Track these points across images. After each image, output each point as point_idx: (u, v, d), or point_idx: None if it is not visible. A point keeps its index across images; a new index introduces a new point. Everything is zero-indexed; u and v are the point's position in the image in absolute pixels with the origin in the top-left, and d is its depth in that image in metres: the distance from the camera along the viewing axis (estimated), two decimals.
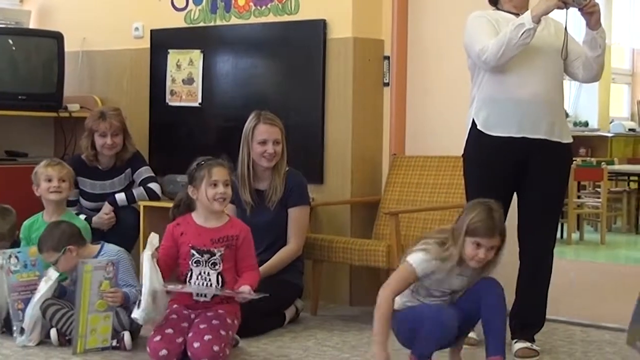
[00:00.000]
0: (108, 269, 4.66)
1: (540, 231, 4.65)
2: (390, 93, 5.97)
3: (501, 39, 4.41)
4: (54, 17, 7.19)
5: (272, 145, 5.22)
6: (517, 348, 4.63)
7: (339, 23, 5.86)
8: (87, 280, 4.57)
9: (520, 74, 4.50)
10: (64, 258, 4.82)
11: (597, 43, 4.52)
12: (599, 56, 4.57)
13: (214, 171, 4.51)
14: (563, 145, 4.63)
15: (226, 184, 4.53)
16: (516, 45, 4.38)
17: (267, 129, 5.24)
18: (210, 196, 4.49)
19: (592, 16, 4.44)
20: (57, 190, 5.28)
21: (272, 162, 5.24)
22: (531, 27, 4.36)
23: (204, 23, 6.47)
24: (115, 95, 6.89)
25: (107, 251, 4.94)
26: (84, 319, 4.58)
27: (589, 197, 10.76)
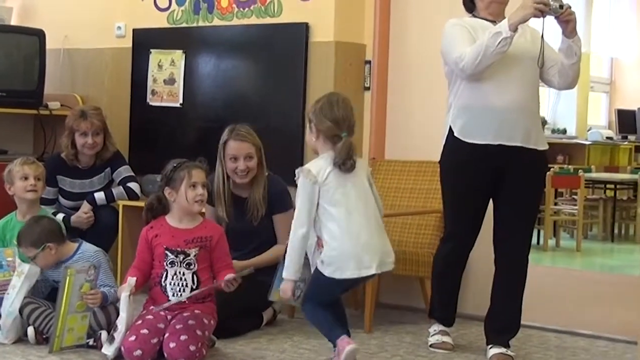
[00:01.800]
0: (90, 272, 4.66)
1: (515, 238, 4.68)
2: (371, 97, 5.99)
3: (478, 47, 4.44)
4: (36, 15, 7.18)
5: (244, 161, 5.16)
6: (492, 353, 4.66)
7: (321, 27, 5.88)
8: (70, 283, 4.58)
9: (496, 81, 4.53)
10: (42, 255, 4.83)
11: (573, 51, 4.55)
12: (574, 64, 4.60)
13: (193, 173, 4.55)
14: (539, 152, 4.67)
15: (204, 186, 4.57)
16: (493, 53, 4.41)
17: (237, 146, 5.18)
18: (191, 198, 4.54)
19: (569, 24, 4.47)
20: (34, 189, 5.25)
21: (245, 178, 5.17)
22: (508, 36, 4.39)
23: (186, 24, 6.48)
24: (96, 93, 6.89)
25: (84, 250, 4.95)
26: (63, 319, 4.59)
27: (566, 204, 10.82)
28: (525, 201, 4.66)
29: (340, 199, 4.22)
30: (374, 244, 4.26)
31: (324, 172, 4.22)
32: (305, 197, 4.21)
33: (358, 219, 4.23)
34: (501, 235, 4.70)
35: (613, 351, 4.98)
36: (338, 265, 4.18)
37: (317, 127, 4.33)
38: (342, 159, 4.21)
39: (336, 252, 4.18)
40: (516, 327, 4.76)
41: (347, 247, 4.19)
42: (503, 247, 4.69)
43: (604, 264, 9.42)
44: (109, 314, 4.72)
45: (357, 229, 4.22)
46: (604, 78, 15.02)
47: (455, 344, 4.91)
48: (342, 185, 4.23)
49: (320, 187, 4.20)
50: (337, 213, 4.20)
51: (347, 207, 4.23)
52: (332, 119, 4.27)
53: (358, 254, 4.20)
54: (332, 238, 4.19)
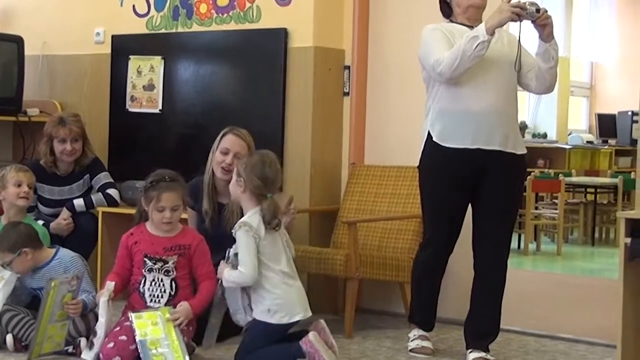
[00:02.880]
0: (72, 283, 4.65)
1: (494, 242, 4.69)
2: (350, 102, 6.00)
3: (455, 52, 4.46)
4: (15, 21, 7.14)
5: (232, 157, 5.13)
6: (471, 358, 4.67)
7: (300, 32, 5.88)
8: (53, 294, 4.56)
9: (474, 86, 4.55)
10: (18, 260, 4.82)
11: (550, 55, 4.57)
12: (551, 68, 4.61)
13: (162, 197, 4.57)
14: (517, 156, 4.68)
15: (174, 209, 4.59)
16: (471, 57, 4.43)
17: (232, 140, 5.18)
18: (157, 220, 4.59)
19: (545, 28, 4.48)
20: (26, 197, 5.28)
21: (227, 175, 5.08)
22: (485, 40, 4.40)
23: (165, 29, 6.46)
24: (75, 100, 6.86)
25: (61, 256, 4.94)
26: (43, 327, 4.57)
27: (546, 208, 10.86)
28: (504, 205, 4.68)
29: (274, 252, 4.40)
30: (302, 289, 4.52)
31: (261, 227, 4.37)
32: (250, 248, 4.35)
33: (288, 266, 4.45)
34: (480, 239, 4.71)
35: (592, 355, 5.00)
36: (287, 311, 4.38)
37: (246, 183, 4.44)
38: (270, 218, 4.38)
39: (282, 300, 4.37)
40: (495, 331, 4.77)
41: (289, 293, 4.40)
42: (482, 251, 4.70)
43: (585, 268, 9.44)
44: (88, 321, 4.71)
45: (291, 275, 4.45)
46: (584, 82, 15.09)
47: (435, 348, 4.92)
48: (273, 239, 4.42)
49: (259, 241, 4.36)
50: (274, 264, 4.38)
51: (279, 257, 4.42)
52: (262, 178, 4.43)
53: (300, 297, 4.45)
54: (273, 287, 4.37)
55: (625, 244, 4.34)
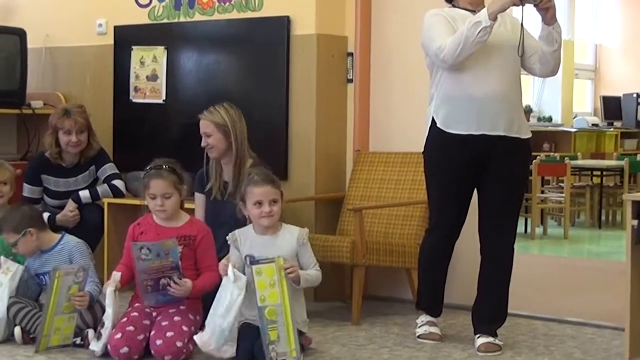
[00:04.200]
0: (78, 274, 4.66)
1: (500, 227, 4.68)
2: (354, 89, 5.99)
3: (458, 37, 4.44)
4: (17, 14, 7.13)
5: (205, 138, 5.27)
6: (479, 343, 4.67)
7: (302, 20, 5.86)
8: (57, 284, 4.57)
9: (477, 71, 4.53)
10: (23, 240, 4.84)
11: (553, 38, 4.54)
12: (555, 51, 4.59)
13: (151, 184, 4.61)
14: (522, 140, 4.67)
15: (166, 197, 4.60)
16: (473, 43, 4.41)
17: (201, 123, 5.31)
18: (152, 208, 4.62)
19: (548, 12, 4.46)
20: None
21: (212, 154, 5.25)
22: (488, 25, 4.38)
23: (167, 19, 6.45)
24: (78, 91, 6.85)
25: (66, 241, 4.96)
26: (50, 320, 4.58)
27: (553, 192, 10.84)
28: (510, 190, 4.67)
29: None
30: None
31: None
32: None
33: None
34: (486, 224, 4.70)
35: (600, 338, 4.99)
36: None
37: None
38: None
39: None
40: (503, 316, 4.77)
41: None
42: (488, 236, 4.70)
43: (592, 251, 9.44)
44: (95, 313, 4.72)
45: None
46: (588, 65, 15.02)
47: (443, 334, 4.92)
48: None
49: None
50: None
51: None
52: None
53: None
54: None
55: (632, 227, 4.33)
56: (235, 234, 4.59)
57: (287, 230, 4.60)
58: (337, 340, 4.90)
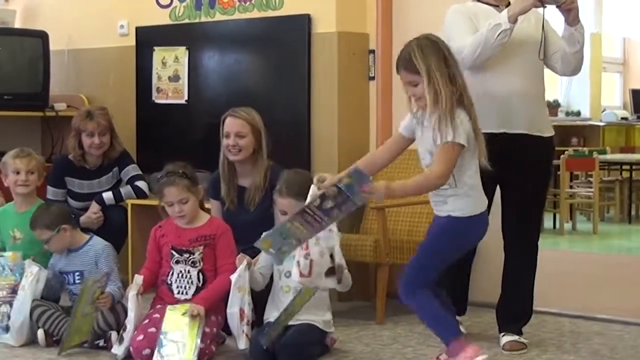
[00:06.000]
0: (102, 280, 4.67)
1: (524, 224, 4.64)
2: (376, 87, 5.95)
3: (478, 39, 4.40)
4: (39, 16, 7.16)
5: (234, 138, 5.15)
6: (504, 341, 4.62)
7: (323, 17, 5.84)
8: (87, 290, 4.58)
9: (498, 68, 4.49)
10: (57, 237, 4.85)
11: (575, 39, 4.48)
12: (577, 52, 4.53)
13: (165, 192, 4.60)
14: (544, 138, 4.61)
15: (183, 202, 4.58)
16: (493, 45, 4.37)
17: (230, 122, 5.20)
18: (171, 215, 4.61)
19: (571, 13, 4.39)
20: (25, 184, 5.23)
21: (237, 156, 5.14)
22: (507, 28, 4.34)
23: (188, 20, 6.45)
24: (101, 93, 6.87)
25: (94, 243, 4.97)
26: (75, 322, 4.59)
27: (582, 186, 10.75)
28: (532, 188, 4.62)
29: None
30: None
31: None
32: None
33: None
34: (510, 222, 4.66)
35: (628, 335, 4.93)
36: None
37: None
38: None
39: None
40: (528, 313, 4.72)
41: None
42: (512, 234, 4.66)
43: (622, 246, 9.35)
44: (117, 315, 4.71)
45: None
46: (616, 58, 14.90)
47: (467, 332, 4.86)
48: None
49: None
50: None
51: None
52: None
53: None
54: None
55: None
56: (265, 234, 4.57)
57: None
58: (361, 339, 4.87)
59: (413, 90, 3.88)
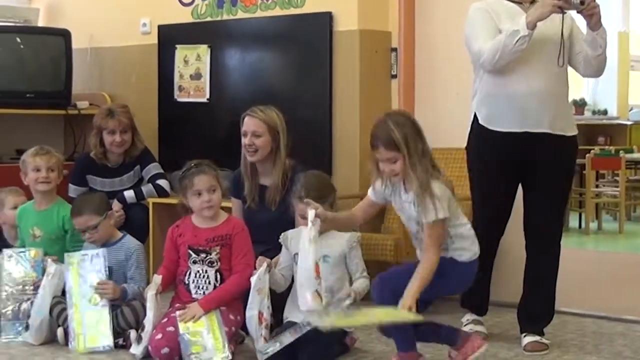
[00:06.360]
0: (95, 261, 4.66)
1: (545, 224, 4.59)
2: (398, 85, 5.91)
3: (497, 45, 4.37)
4: (62, 15, 7.18)
5: (251, 138, 5.13)
6: (525, 342, 4.58)
7: (345, 15, 5.82)
8: (75, 271, 4.57)
9: (521, 67, 4.42)
10: (104, 223, 4.88)
11: (597, 43, 4.42)
12: (599, 55, 4.47)
13: (195, 181, 4.54)
14: (567, 137, 4.55)
15: (212, 190, 4.55)
16: (512, 51, 4.34)
17: (247, 121, 5.18)
18: (197, 206, 4.55)
19: (592, 17, 4.33)
20: (45, 181, 5.21)
21: (253, 156, 5.12)
22: (526, 34, 4.30)
23: (210, 18, 6.44)
24: (123, 91, 6.87)
25: (126, 242, 4.97)
26: (78, 314, 4.59)
27: (608, 186, 10.66)
28: (555, 188, 4.57)
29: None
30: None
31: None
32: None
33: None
34: (531, 221, 4.62)
35: None
36: None
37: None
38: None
39: None
40: (550, 314, 4.68)
41: None
42: (534, 233, 4.62)
43: None
44: (136, 313, 4.70)
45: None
46: None
47: (489, 332, 4.84)
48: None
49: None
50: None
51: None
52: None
53: None
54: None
55: None
56: (286, 233, 4.60)
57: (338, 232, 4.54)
58: (381, 339, 4.81)
59: (391, 167, 3.93)
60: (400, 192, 4.04)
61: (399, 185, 4.02)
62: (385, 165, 3.94)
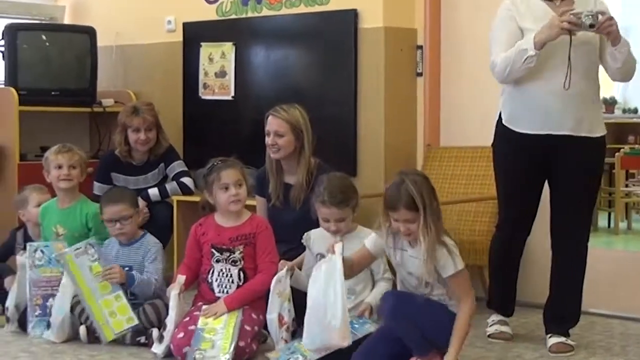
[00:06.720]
0: (90, 252, 4.67)
1: (572, 223, 4.52)
2: (424, 83, 5.88)
3: (507, 61, 4.35)
4: (88, 12, 7.18)
5: (273, 137, 5.10)
6: (551, 343, 4.53)
7: (370, 13, 5.78)
8: (74, 268, 4.57)
9: (545, 67, 4.35)
10: (135, 217, 4.93)
11: (617, 58, 4.33)
12: (619, 68, 4.38)
13: (222, 174, 4.51)
14: (593, 139, 4.46)
15: (239, 184, 4.52)
16: (520, 69, 4.32)
17: (270, 121, 5.15)
18: (224, 200, 4.51)
19: (609, 35, 4.26)
20: (67, 178, 5.21)
21: (276, 154, 5.10)
22: (534, 54, 4.26)
23: (235, 15, 6.42)
24: (148, 89, 6.86)
25: (147, 239, 4.98)
26: (95, 306, 4.58)
27: (638, 185, 10.54)
28: (580, 188, 4.49)
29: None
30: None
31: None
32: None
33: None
34: (557, 221, 4.56)
35: None
36: None
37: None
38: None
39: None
40: (576, 315, 4.62)
41: None
42: (560, 234, 4.56)
43: None
44: (158, 311, 4.69)
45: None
46: None
47: (514, 333, 4.79)
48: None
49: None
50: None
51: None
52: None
53: None
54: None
55: None
56: (309, 233, 4.57)
57: (361, 233, 4.50)
58: None
59: (408, 226, 3.86)
60: (402, 246, 3.98)
61: (402, 239, 3.96)
62: (401, 224, 3.86)
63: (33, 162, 6.11)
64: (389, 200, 3.88)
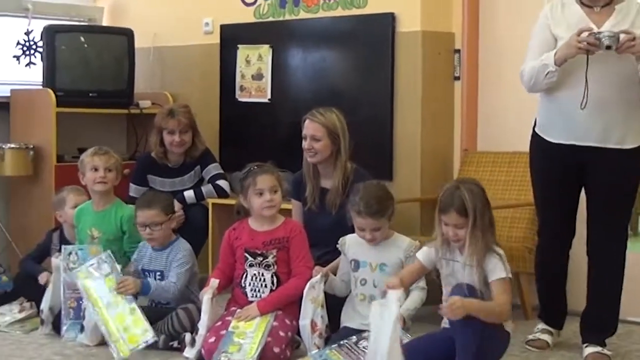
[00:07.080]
0: (102, 267, 4.65)
1: (609, 231, 4.44)
2: (461, 87, 5.85)
3: (532, 71, 4.33)
4: (126, 14, 7.20)
5: (310, 141, 5.08)
6: (587, 353, 4.47)
7: (407, 16, 5.76)
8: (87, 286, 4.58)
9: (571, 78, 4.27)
10: (167, 224, 4.89)
11: None
12: None
13: (258, 180, 4.50)
14: (625, 151, 4.34)
15: (274, 191, 4.52)
16: (542, 82, 4.31)
17: (306, 124, 5.13)
18: (258, 205, 4.51)
19: (633, 54, 4.16)
20: (103, 181, 5.21)
21: (313, 158, 5.07)
22: (554, 70, 4.23)
23: (273, 18, 6.41)
24: (185, 91, 6.86)
25: (179, 245, 4.95)
26: (108, 323, 4.54)
27: None
28: (614, 199, 4.40)
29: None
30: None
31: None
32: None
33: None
34: (594, 228, 4.48)
35: None
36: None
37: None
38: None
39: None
40: (613, 325, 4.55)
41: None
42: (597, 241, 4.48)
43: None
44: (191, 315, 4.68)
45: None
46: None
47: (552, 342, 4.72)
48: None
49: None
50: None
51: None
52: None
53: None
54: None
55: None
56: (344, 239, 4.55)
57: (397, 240, 4.50)
58: None
59: (456, 232, 3.88)
60: (454, 257, 4.00)
61: (455, 249, 3.99)
62: (450, 229, 3.90)
63: (70, 164, 6.12)
64: (442, 204, 3.93)
